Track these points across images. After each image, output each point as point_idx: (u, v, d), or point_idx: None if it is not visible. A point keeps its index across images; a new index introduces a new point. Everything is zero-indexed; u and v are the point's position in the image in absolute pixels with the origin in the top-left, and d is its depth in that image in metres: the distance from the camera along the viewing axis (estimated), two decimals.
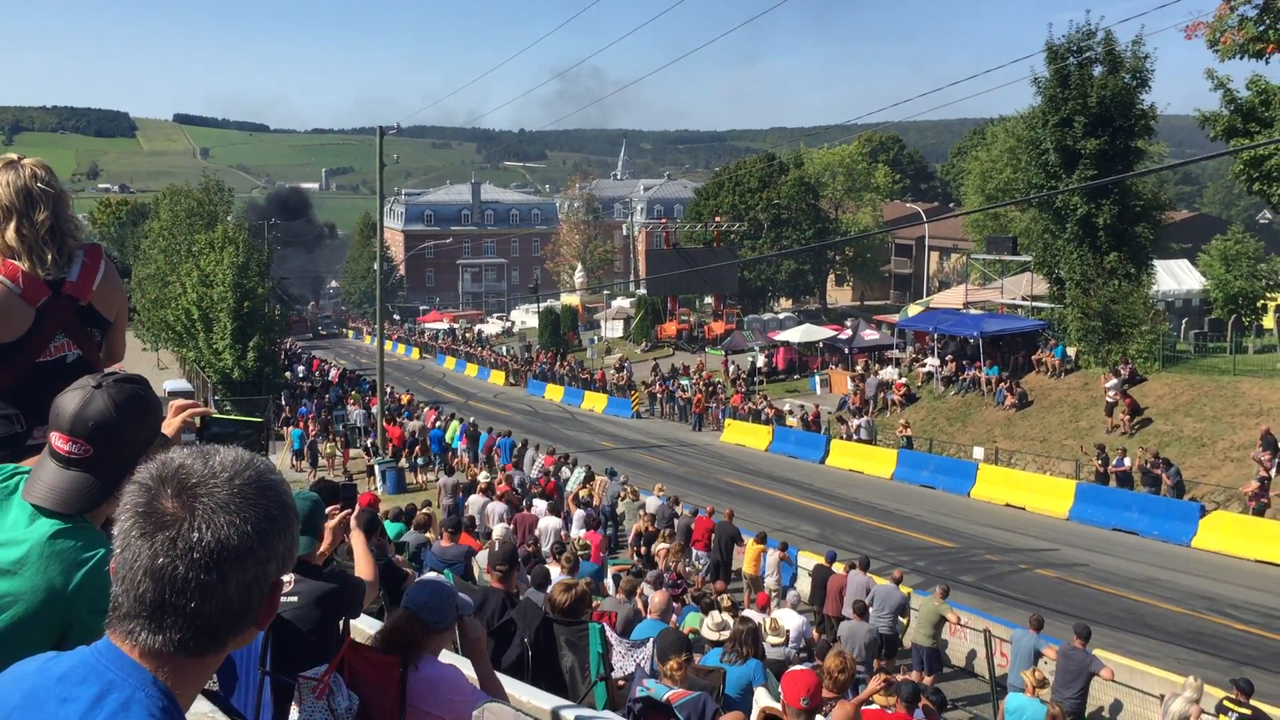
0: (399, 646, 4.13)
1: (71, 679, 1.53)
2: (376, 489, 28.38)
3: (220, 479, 1.56)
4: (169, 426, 2.84)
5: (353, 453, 36.37)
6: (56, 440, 2.30)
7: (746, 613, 13.95)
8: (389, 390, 40.58)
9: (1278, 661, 16.46)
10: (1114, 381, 31.16)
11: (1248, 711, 11.65)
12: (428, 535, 13.64)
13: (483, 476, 24.59)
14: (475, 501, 21.30)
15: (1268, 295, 41.40)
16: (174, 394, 28.69)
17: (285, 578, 5.20)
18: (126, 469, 2.35)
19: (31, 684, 1.55)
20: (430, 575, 5.31)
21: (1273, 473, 24.50)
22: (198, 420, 2.94)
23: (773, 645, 12.61)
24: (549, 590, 7.72)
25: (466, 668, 4.61)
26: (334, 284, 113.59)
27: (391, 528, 13.44)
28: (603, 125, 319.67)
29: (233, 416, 3.16)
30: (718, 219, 67.61)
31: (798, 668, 6.78)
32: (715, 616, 11.23)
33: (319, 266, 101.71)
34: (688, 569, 18.27)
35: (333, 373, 59.11)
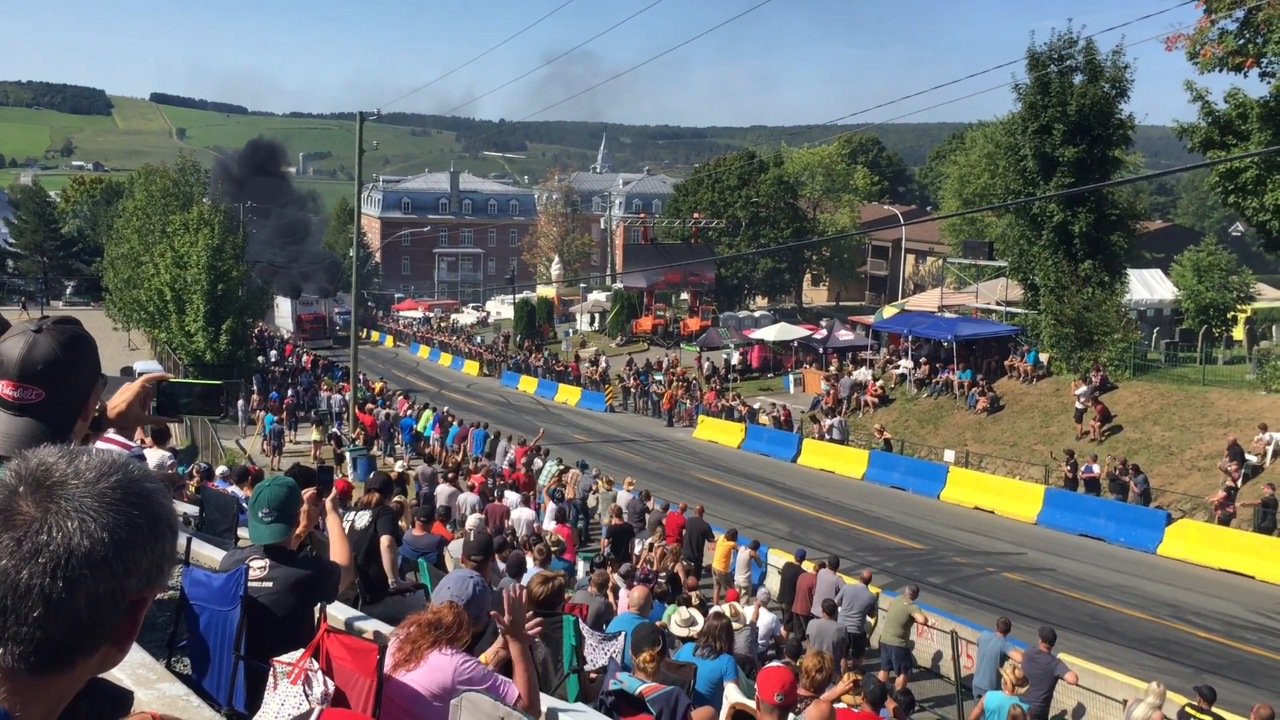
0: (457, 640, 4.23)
1: None
2: (348, 476, 28.26)
3: (83, 480, 1.41)
4: (127, 392, 2.80)
5: (315, 436, 36.04)
6: (5, 388, 2.23)
7: (717, 608, 13.99)
8: (361, 377, 40.43)
9: (1240, 670, 16.66)
10: (1084, 388, 31.42)
11: (1209, 718, 11.77)
12: (401, 524, 13.58)
13: (450, 467, 24.57)
14: (443, 491, 21.25)
15: (1238, 307, 41.80)
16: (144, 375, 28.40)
17: (259, 563, 5.18)
18: (74, 412, 2.31)
19: None
20: (462, 571, 5.29)
21: (1239, 483, 24.77)
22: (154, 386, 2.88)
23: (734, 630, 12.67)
24: (526, 582, 7.71)
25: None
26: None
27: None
28: (583, 118, 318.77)
29: (190, 380, 3.07)
30: (696, 215, 67.61)
31: (774, 664, 6.81)
32: (683, 612, 11.27)
33: (298, 243, 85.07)
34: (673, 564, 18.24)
35: (305, 358, 58.83)
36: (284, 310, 77.02)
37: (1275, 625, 19.12)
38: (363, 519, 8.13)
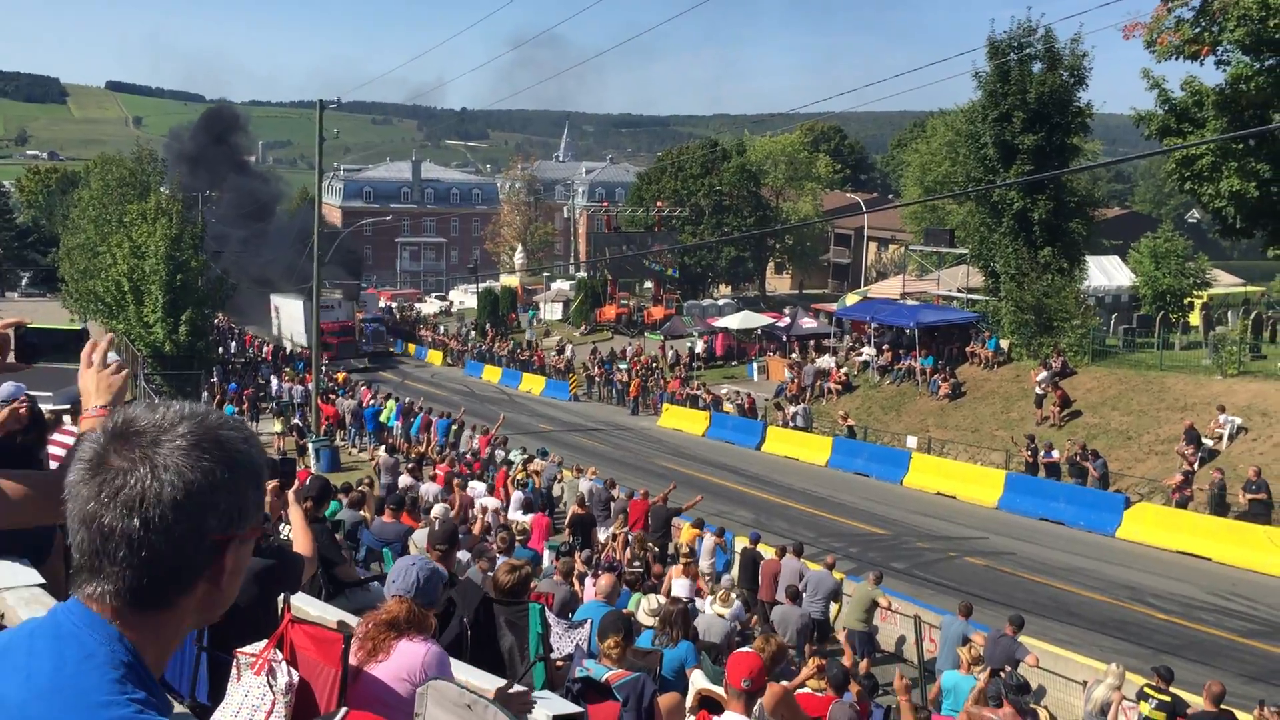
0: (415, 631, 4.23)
1: (40, 633, 1.55)
2: (311, 466, 28.07)
3: (160, 429, 1.56)
4: None
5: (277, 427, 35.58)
6: None
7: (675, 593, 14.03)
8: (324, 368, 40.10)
9: (1197, 650, 16.92)
10: (1044, 374, 31.74)
11: (1167, 698, 11.96)
12: (363, 513, 13.53)
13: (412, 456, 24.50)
14: (405, 482, 21.16)
15: (1194, 293, 42.36)
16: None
17: None
18: None
19: (6, 639, 1.58)
20: (413, 556, 5.27)
21: (1195, 466, 25.13)
22: (12, 331, 2.86)
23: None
24: (492, 570, 7.70)
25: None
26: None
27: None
28: (546, 106, 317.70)
29: (49, 326, 3.05)
30: (659, 204, 67.62)
31: (743, 649, 6.84)
32: (651, 601, 11.28)
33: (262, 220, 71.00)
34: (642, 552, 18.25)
35: (265, 349, 58.31)
36: (292, 314, 58.09)
37: (1231, 606, 19.43)
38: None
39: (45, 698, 1.46)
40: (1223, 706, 11.56)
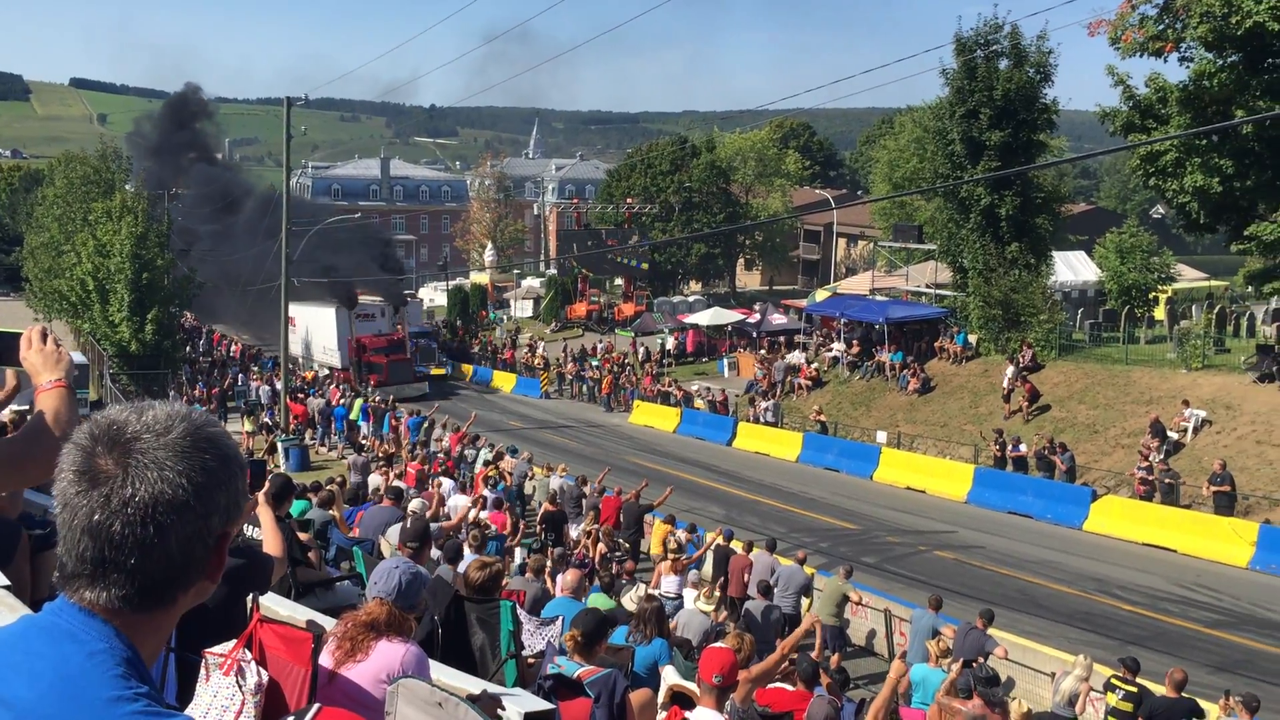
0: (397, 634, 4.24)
1: (35, 632, 1.55)
2: (280, 466, 27.90)
3: (153, 432, 1.56)
4: None
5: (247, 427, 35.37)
6: None
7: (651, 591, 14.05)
8: (292, 367, 39.87)
9: (1163, 641, 17.10)
10: (1012, 369, 31.98)
11: (1134, 689, 12.09)
12: (332, 513, 13.47)
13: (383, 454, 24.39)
14: (375, 481, 21.09)
15: (1159, 287, 42.81)
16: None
17: None
18: None
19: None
20: (395, 559, 5.26)
21: (1157, 457, 25.34)
22: None
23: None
24: (464, 567, 7.69)
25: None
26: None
27: (296, 505, 13.24)
28: (516, 103, 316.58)
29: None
30: (629, 200, 67.62)
31: (717, 645, 6.86)
32: (639, 590, 11.31)
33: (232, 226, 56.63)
34: (613, 547, 18.27)
35: (234, 348, 57.84)
36: (319, 325, 47.07)
37: (1196, 597, 19.66)
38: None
39: (53, 695, 1.46)
40: (1184, 694, 11.70)
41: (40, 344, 2.79)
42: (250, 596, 4.73)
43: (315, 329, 48.02)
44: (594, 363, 47.94)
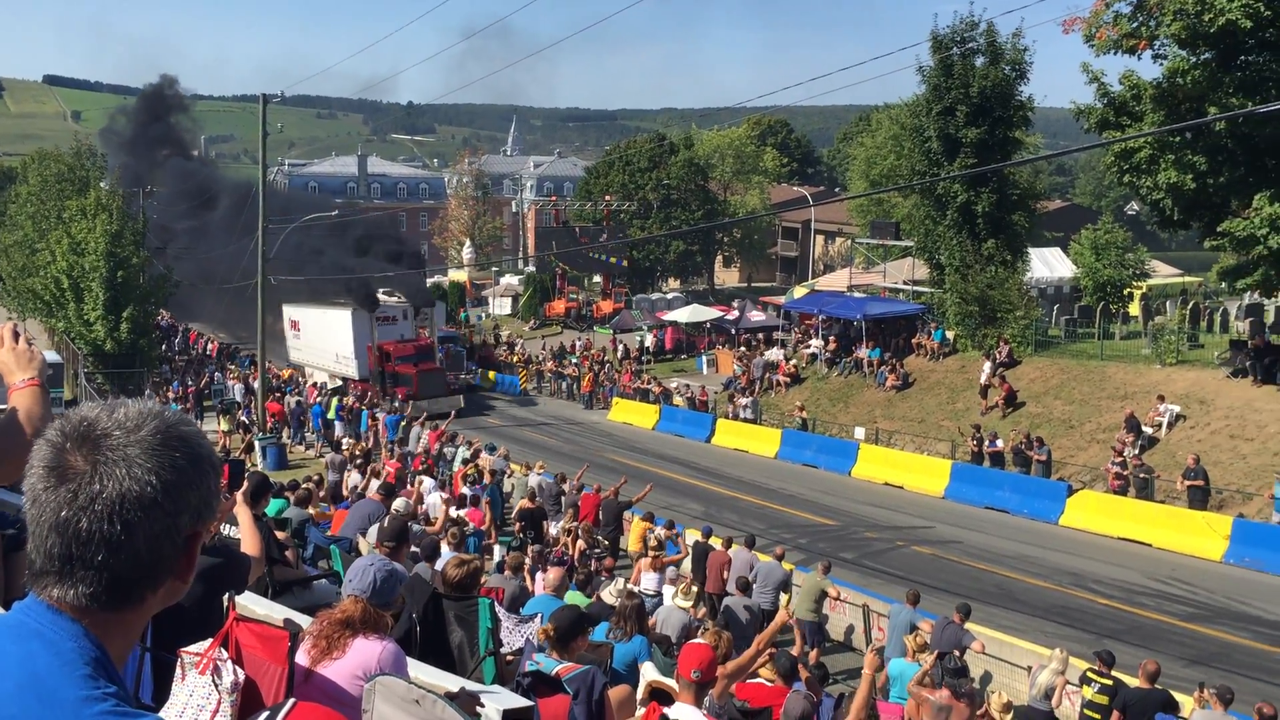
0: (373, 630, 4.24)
1: (3, 633, 1.53)
2: (257, 465, 27.76)
3: (124, 430, 1.55)
4: None
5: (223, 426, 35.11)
6: None
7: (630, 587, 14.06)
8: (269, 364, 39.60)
9: (1138, 634, 17.23)
10: (989, 365, 32.15)
11: (1109, 682, 12.18)
12: (310, 511, 13.43)
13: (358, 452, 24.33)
14: (354, 479, 21.01)
15: (1134, 283, 43.12)
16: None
17: None
18: None
19: None
20: (371, 556, 5.26)
21: (1132, 452, 25.52)
22: None
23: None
24: (441, 565, 7.67)
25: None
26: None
27: (273, 504, 13.19)
28: (493, 100, 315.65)
29: None
30: (607, 198, 67.62)
31: (695, 641, 6.87)
32: (619, 584, 11.31)
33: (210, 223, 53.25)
34: (592, 544, 18.26)
35: (211, 346, 57.47)
36: (331, 330, 41.55)
37: (1171, 591, 19.82)
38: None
39: (19, 695, 1.44)
40: (1158, 685, 11.79)
41: (12, 342, 2.78)
42: (227, 595, 4.72)
43: (327, 334, 41.98)
44: (573, 360, 47.92)
